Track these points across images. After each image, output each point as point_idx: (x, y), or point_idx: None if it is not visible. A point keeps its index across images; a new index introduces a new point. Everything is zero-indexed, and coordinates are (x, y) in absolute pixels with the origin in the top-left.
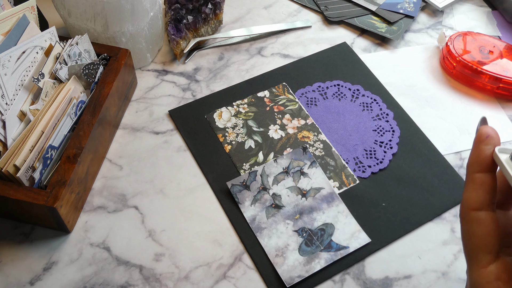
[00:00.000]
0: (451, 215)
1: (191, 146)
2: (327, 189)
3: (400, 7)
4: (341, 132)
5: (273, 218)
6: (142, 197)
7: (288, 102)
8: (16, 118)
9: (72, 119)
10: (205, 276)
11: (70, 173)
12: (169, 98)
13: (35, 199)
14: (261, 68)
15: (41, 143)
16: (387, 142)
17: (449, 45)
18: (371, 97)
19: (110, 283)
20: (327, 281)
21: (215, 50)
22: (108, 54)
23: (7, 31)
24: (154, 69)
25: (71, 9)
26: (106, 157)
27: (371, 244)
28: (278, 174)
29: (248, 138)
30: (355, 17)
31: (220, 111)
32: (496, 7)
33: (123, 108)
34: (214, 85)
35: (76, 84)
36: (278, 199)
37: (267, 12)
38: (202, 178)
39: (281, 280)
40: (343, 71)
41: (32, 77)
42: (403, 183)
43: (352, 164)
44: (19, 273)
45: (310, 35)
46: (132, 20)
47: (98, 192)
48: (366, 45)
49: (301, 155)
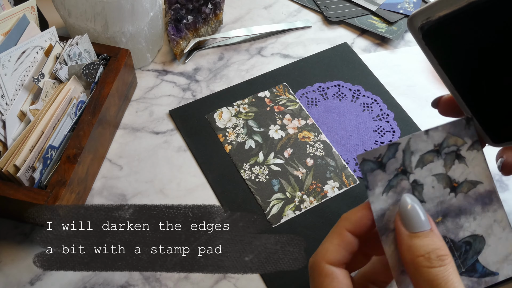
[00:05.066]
0: None
1: (191, 146)
2: (486, 184)
3: (400, 7)
4: (341, 133)
5: None
6: (142, 197)
7: (289, 102)
8: (16, 118)
9: (72, 119)
10: (205, 276)
11: (70, 173)
12: (169, 98)
13: (35, 199)
14: (261, 68)
15: (41, 143)
16: (387, 143)
17: None
18: (372, 97)
19: (110, 283)
20: None
21: (215, 50)
22: (108, 54)
23: (7, 31)
24: (154, 69)
25: (71, 9)
26: (106, 157)
27: None
28: (426, 152)
29: (248, 138)
30: (355, 17)
31: (221, 111)
32: None
33: (123, 108)
34: (214, 85)
35: (76, 84)
36: (418, 189)
37: (267, 12)
38: (202, 178)
39: (281, 280)
40: (344, 72)
41: (32, 77)
42: None
43: (352, 164)
44: (19, 273)
45: (310, 35)
46: (132, 20)
47: (98, 192)
48: (366, 45)
49: (462, 129)
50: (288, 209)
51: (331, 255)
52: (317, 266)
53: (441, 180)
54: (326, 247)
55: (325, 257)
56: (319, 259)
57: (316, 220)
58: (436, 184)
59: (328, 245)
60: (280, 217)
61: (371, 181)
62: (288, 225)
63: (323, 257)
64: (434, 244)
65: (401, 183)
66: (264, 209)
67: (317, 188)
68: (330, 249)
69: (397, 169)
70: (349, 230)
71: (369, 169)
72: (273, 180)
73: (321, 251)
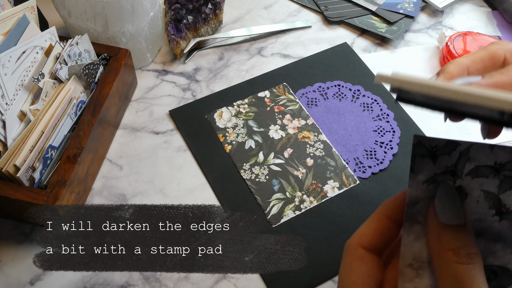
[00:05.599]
0: None
1: (191, 146)
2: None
3: (400, 7)
4: (341, 133)
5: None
6: (142, 197)
7: (289, 102)
8: (16, 118)
9: (72, 119)
10: (205, 276)
11: (70, 173)
12: (169, 98)
13: (35, 199)
14: (261, 68)
15: (41, 143)
16: (388, 143)
17: (449, 45)
18: (372, 97)
19: (110, 283)
20: (327, 281)
21: (215, 50)
22: (108, 54)
23: (7, 31)
24: (154, 69)
25: (71, 9)
26: (106, 157)
27: None
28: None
29: (248, 138)
30: (355, 17)
31: (221, 111)
32: (496, 7)
33: (123, 108)
34: (214, 85)
35: (76, 84)
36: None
37: (267, 12)
38: (202, 178)
39: (281, 280)
40: (344, 72)
41: (32, 77)
42: (403, 184)
43: (352, 164)
44: (19, 273)
45: (310, 35)
46: (132, 20)
47: (98, 192)
48: (366, 45)
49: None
50: (288, 209)
51: (366, 239)
52: (350, 247)
53: (489, 199)
54: (362, 231)
55: (359, 240)
56: (353, 242)
57: (316, 220)
58: (481, 200)
59: (365, 229)
60: (280, 217)
61: (418, 166)
62: (288, 225)
63: (358, 240)
64: (466, 239)
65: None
66: (264, 209)
67: (317, 188)
68: (365, 233)
69: (448, 167)
70: (387, 215)
71: (420, 153)
72: (273, 180)
73: (357, 234)
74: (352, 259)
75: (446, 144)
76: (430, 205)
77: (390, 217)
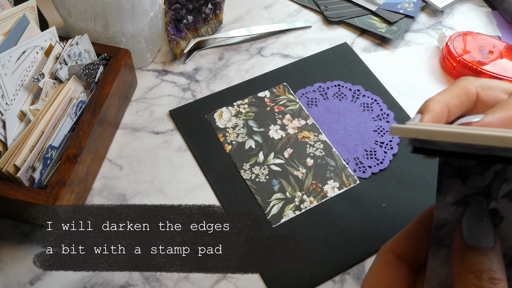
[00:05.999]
0: None
1: (191, 146)
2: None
3: (400, 7)
4: (341, 133)
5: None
6: (142, 197)
7: (289, 102)
8: (16, 118)
9: (72, 119)
10: (205, 276)
11: (70, 173)
12: (169, 98)
13: (35, 199)
14: (261, 68)
15: (41, 143)
16: (388, 143)
17: (449, 45)
18: (372, 97)
19: (110, 283)
20: (327, 281)
21: (215, 50)
22: (108, 54)
23: (7, 31)
24: (154, 69)
25: (71, 9)
26: (106, 157)
27: (371, 244)
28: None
29: (248, 138)
30: (355, 17)
31: (221, 111)
32: (496, 7)
33: (123, 108)
34: (214, 85)
35: (76, 84)
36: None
37: (267, 12)
38: (202, 178)
39: (281, 280)
40: (344, 72)
41: (32, 77)
42: (403, 184)
43: (352, 164)
44: (19, 273)
45: (310, 35)
46: (132, 20)
47: (98, 192)
48: (366, 45)
49: None
50: (288, 209)
51: (398, 245)
52: (382, 251)
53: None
54: (397, 237)
55: (392, 245)
56: (386, 246)
57: (316, 220)
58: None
59: (399, 235)
60: (280, 217)
61: (445, 186)
62: (288, 225)
63: (391, 245)
64: (491, 264)
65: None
66: (264, 209)
67: (317, 188)
68: (399, 239)
69: (480, 188)
70: (424, 224)
71: (448, 173)
72: (273, 180)
73: (392, 239)
74: (379, 263)
75: (479, 163)
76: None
77: (427, 226)
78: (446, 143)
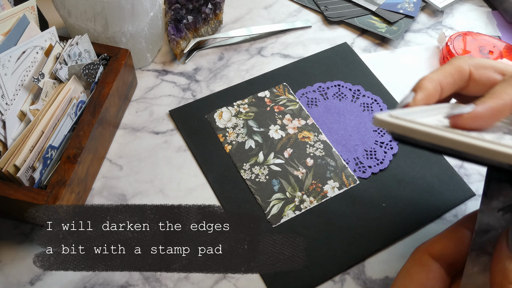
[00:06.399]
0: (451, 215)
1: (191, 146)
2: None
3: (400, 7)
4: (341, 133)
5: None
6: (142, 197)
7: (289, 102)
8: (16, 118)
9: (72, 119)
10: (205, 276)
11: (70, 173)
12: (169, 98)
13: (35, 199)
14: (261, 68)
15: (41, 143)
16: (388, 143)
17: (449, 45)
18: (372, 97)
19: (110, 283)
20: (327, 281)
21: (215, 50)
22: (108, 54)
23: (7, 31)
24: (154, 69)
25: (71, 9)
26: (106, 157)
27: (371, 244)
28: None
29: (248, 138)
30: (355, 17)
31: (221, 111)
32: (496, 7)
33: (123, 108)
34: (214, 85)
35: (76, 84)
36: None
37: (267, 12)
38: (202, 178)
39: (281, 280)
40: (344, 72)
41: (32, 77)
42: (403, 184)
43: (352, 164)
44: (19, 273)
45: (310, 35)
46: (132, 20)
47: (98, 192)
48: (366, 45)
49: None
50: (288, 209)
51: (436, 247)
52: (416, 252)
53: None
54: (434, 239)
55: (428, 246)
56: (422, 247)
57: (316, 220)
58: None
59: (437, 237)
60: (280, 217)
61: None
62: (288, 225)
63: (426, 246)
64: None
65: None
66: (264, 209)
67: (317, 188)
68: (436, 241)
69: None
70: (467, 227)
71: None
72: (273, 180)
73: (430, 240)
74: (413, 263)
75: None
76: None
77: (470, 229)
78: (420, 141)
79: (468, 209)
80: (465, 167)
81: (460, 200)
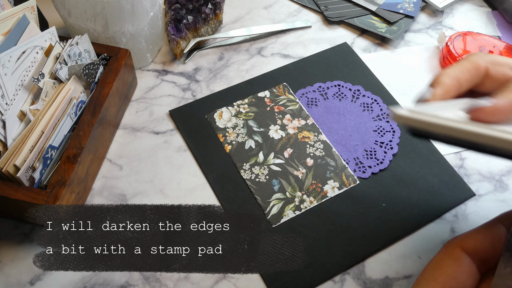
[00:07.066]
0: (451, 215)
1: (191, 146)
2: None
3: (400, 7)
4: (341, 133)
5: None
6: (142, 197)
7: (289, 102)
8: (16, 118)
9: (72, 119)
10: (205, 276)
11: (70, 173)
12: (169, 98)
13: (35, 199)
14: (261, 68)
15: (41, 143)
16: (388, 143)
17: (449, 45)
18: (372, 97)
19: (110, 283)
20: (327, 281)
21: (215, 50)
22: (108, 54)
23: (7, 31)
24: (154, 69)
25: (71, 9)
26: (106, 157)
27: (371, 244)
28: None
29: (248, 138)
30: (355, 17)
31: (221, 111)
32: (496, 7)
33: (123, 108)
34: (214, 85)
35: (76, 84)
36: None
37: (267, 12)
38: (202, 178)
39: (281, 280)
40: (344, 72)
41: (32, 77)
42: (403, 184)
43: (352, 164)
44: (19, 273)
45: (310, 35)
46: (132, 20)
47: (98, 192)
48: (366, 45)
49: None
50: (288, 209)
51: (469, 242)
52: (448, 245)
53: None
54: (468, 233)
55: (462, 240)
56: (455, 240)
57: (316, 220)
58: None
59: (472, 232)
60: (280, 217)
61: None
62: (288, 225)
63: (460, 240)
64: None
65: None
66: (264, 209)
67: (317, 188)
68: (471, 236)
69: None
70: (505, 224)
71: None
72: (273, 180)
73: (464, 234)
74: (444, 256)
75: None
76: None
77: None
78: (441, 134)
79: (468, 209)
80: (465, 167)
81: (460, 200)
